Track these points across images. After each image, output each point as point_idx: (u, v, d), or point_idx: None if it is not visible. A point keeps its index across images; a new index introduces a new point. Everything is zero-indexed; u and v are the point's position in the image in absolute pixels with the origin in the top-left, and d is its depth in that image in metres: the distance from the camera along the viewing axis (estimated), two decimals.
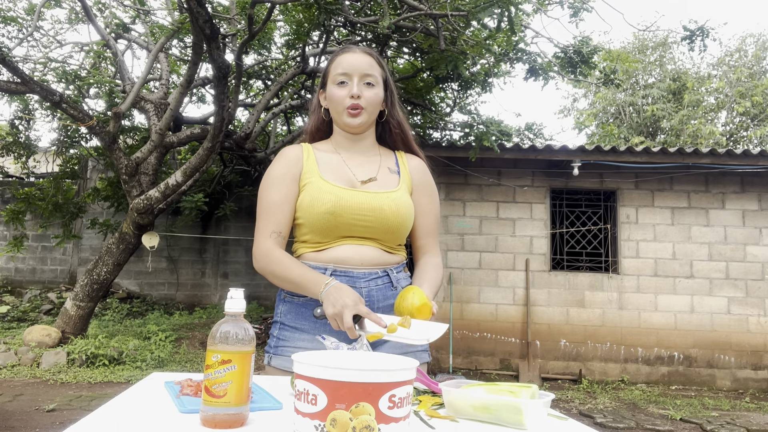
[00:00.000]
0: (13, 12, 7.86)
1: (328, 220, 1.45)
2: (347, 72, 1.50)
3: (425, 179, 1.62)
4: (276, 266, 1.44)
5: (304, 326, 1.47)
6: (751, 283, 6.95)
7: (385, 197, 1.49)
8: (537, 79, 6.50)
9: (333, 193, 1.46)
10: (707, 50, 8.22)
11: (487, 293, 7.09)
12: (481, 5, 4.98)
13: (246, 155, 7.92)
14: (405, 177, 1.58)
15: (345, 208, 1.45)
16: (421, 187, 1.60)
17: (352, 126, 1.52)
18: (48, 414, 4.54)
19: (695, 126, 14.74)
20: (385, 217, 1.47)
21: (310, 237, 1.49)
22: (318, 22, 5.90)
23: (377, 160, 1.59)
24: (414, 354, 1.52)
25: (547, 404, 1.01)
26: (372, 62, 1.53)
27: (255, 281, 10.30)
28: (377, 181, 1.53)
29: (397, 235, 1.52)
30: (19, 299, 9.66)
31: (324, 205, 1.45)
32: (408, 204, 1.53)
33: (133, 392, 1.12)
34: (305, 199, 1.48)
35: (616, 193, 7.17)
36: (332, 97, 1.52)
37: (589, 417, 5.17)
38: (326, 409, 0.79)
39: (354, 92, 1.48)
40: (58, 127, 8.87)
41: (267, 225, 1.48)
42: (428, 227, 1.59)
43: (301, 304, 1.49)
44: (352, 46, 1.58)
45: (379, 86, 1.53)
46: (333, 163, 1.54)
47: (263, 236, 1.48)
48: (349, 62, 1.51)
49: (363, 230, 1.48)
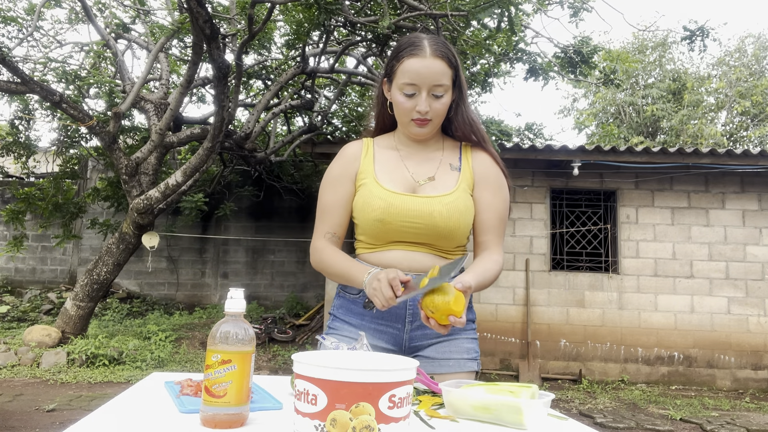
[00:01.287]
0: (13, 12, 7.85)
1: (377, 227, 1.45)
2: (416, 83, 1.41)
3: (490, 175, 1.53)
4: (326, 263, 1.49)
5: (352, 320, 1.52)
6: (751, 283, 6.94)
7: (437, 202, 1.45)
8: (537, 79, 6.50)
9: (383, 198, 1.44)
10: (707, 50, 8.22)
11: (487, 293, 7.09)
12: (481, 5, 4.98)
13: (246, 155, 7.93)
14: (466, 174, 1.52)
15: (394, 215, 1.43)
16: (483, 183, 1.52)
17: (418, 136, 1.50)
18: (48, 414, 4.54)
19: (695, 126, 14.73)
20: (434, 223, 1.44)
21: (365, 238, 1.52)
22: (318, 22, 5.89)
23: (438, 156, 1.54)
24: (458, 362, 1.49)
25: (547, 404, 1.01)
26: (443, 68, 1.41)
27: (255, 281, 10.29)
28: (435, 182, 1.49)
29: (450, 240, 1.48)
30: (19, 299, 9.66)
31: (374, 212, 1.44)
32: (464, 207, 1.47)
33: (133, 392, 1.12)
34: (359, 201, 1.49)
35: (616, 193, 7.17)
36: (397, 105, 1.46)
37: (589, 417, 5.16)
38: (326, 409, 0.79)
39: (422, 109, 1.42)
40: (58, 127, 8.87)
41: (322, 226, 1.53)
42: (489, 223, 1.51)
43: (351, 301, 1.53)
44: (422, 42, 1.43)
45: (448, 93, 1.44)
46: (391, 162, 1.52)
47: (318, 236, 1.53)
48: (417, 72, 1.40)
49: (414, 236, 1.46)
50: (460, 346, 1.50)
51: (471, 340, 1.52)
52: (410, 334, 1.48)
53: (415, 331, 1.48)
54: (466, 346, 1.51)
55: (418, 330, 1.48)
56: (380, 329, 1.49)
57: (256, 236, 10.17)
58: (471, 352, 1.51)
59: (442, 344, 1.49)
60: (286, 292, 10.14)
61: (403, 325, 1.48)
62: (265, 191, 9.76)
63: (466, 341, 1.52)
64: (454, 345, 1.50)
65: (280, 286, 10.26)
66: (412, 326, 1.48)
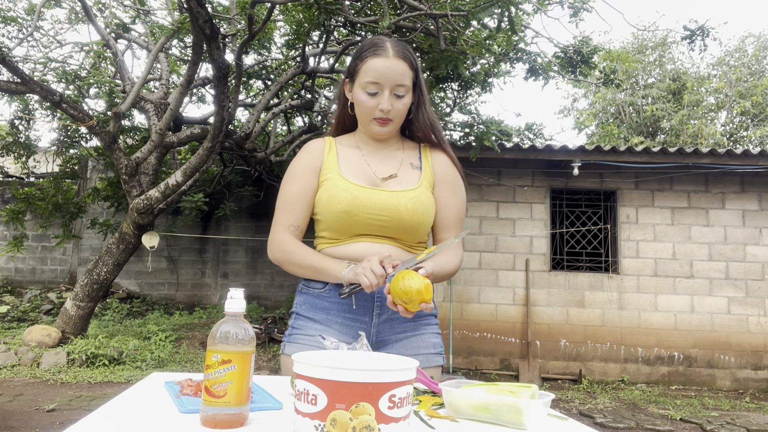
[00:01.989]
0: (13, 12, 7.86)
1: (343, 219, 1.45)
2: (379, 82, 1.44)
3: (449, 174, 1.58)
4: (293, 255, 1.47)
5: (317, 317, 1.49)
6: (751, 283, 6.95)
7: (403, 196, 1.48)
8: (537, 79, 6.50)
9: (349, 191, 1.46)
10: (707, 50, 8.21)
11: (487, 293, 7.09)
12: (481, 5, 4.98)
13: (246, 155, 7.92)
14: (427, 172, 1.56)
15: (360, 207, 1.45)
16: (443, 182, 1.57)
17: (379, 134, 1.52)
18: (48, 414, 4.54)
19: (695, 126, 14.74)
20: (400, 216, 1.47)
21: (328, 233, 1.51)
22: (318, 22, 5.90)
23: (399, 155, 1.57)
24: (426, 357, 1.51)
25: (547, 404, 1.01)
26: (405, 69, 1.46)
27: (255, 281, 10.29)
28: (398, 178, 1.52)
29: (415, 234, 1.51)
30: (19, 299, 9.66)
31: (339, 204, 1.45)
32: (427, 202, 1.51)
33: (133, 392, 1.12)
34: (323, 195, 1.49)
35: (616, 193, 7.17)
36: (360, 103, 1.49)
37: (589, 417, 5.16)
38: (326, 409, 0.79)
39: (384, 107, 1.45)
40: (58, 127, 8.87)
41: (285, 218, 1.51)
42: (450, 221, 1.56)
43: (315, 296, 1.51)
44: (385, 44, 1.47)
45: (408, 94, 1.49)
46: (354, 159, 1.53)
47: (280, 228, 1.51)
48: (381, 71, 1.44)
49: (379, 229, 1.47)
50: (427, 341, 1.53)
51: (435, 335, 1.56)
52: (377, 328, 1.48)
53: (382, 324, 1.48)
54: (432, 341, 1.54)
55: (385, 323, 1.49)
56: (347, 323, 1.48)
57: (256, 236, 10.17)
58: (437, 347, 1.55)
59: (410, 339, 1.51)
60: (286, 292, 10.14)
61: (371, 318, 1.48)
62: (265, 191, 9.76)
63: (432, 336, 1.55)
64: (421, 340, 1.52)
65: (280, 286, 10.26)
66: (379, 319, 1.48)
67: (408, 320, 1.50)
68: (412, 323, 1.51)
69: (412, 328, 1.51)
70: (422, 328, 1.53)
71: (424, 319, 1.54)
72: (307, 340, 1.47)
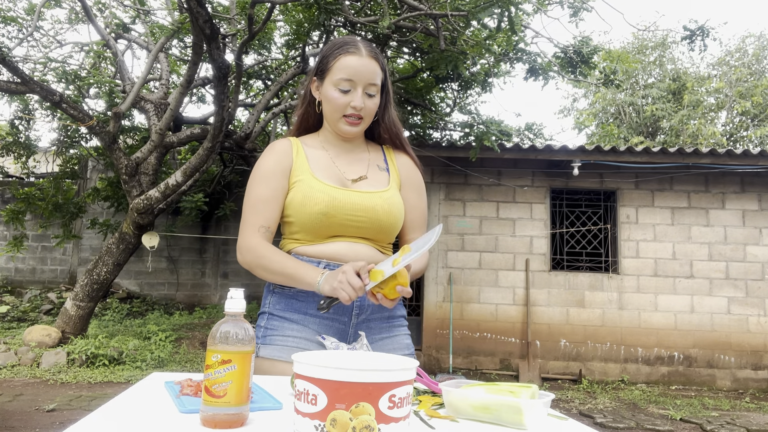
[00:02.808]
0: (13, 12, 7.86)
1: (320, 220, 1.43)
2: (352, 79, 1.44)
3: (413, 175, 1.61)
4: (266, 260, 1.43)
5: (293, 317, 1.47)
6: (751, 283, 6.95)
7: (378, 197, 1.48)
8: (537, 79, 6.51)
9: (326, 192, 1.44)
10: (707, 50, 8.22)
11: (487, 293, 7.09)
12: (481, 5, 4.98)
13: (246, 155, 7.92)
14: (394, 174, 1.57)
15: (338, 209, 1.44)
16: (409, 184, 1.59)
17: (348, 134, 1.51)
18: (48, 414, 4.54)
19: (695, 126, 14.74)
20: (377, 217, 1.47)
21: (301, 236, 1.48)
22: (318, 22, 5.90)
23: (366, 157, 1.57)
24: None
25: (547, 404, 1.01)
26: (376, 69, 1.47)
27: (255, 281, 10.29)
28: (368, 180, 1.52)
29: (389, 235, 1.52)
30: (19, 299, 9.66)
31: (317, 205, 1.43)
32: (399, 203, 1.52)
33: (133, 392, 1.12)
34: (296, 197, 1.45)
35: (616, 193, 7.17)
36: (331, 100, 1.47)
37: (589, 417, 5.16)
38: (326, 409, 0.79)
39: (357, 104, 1.44)
40: (58, 127, 8.87)
41: (255, 220, 1.47)
42: (417, 222, 1.59)
43: (290, 296, 1.48)
44: (356, 43, 1.48)
45: (378, 95, 1.49)
46: (322, 161, 1.52)
47: (251, 231, 1.47)
48: (355, 69, 1.44)
49: (355, 230, 1.46)
50: (401, 342, 1.55)
51: (407, 336, 1.58)
52: (355, 328, 1.48)
53: (360, 324, 1.48)
54: (405, 342, 1.56)
55: (363, 324, 1.48)
56: (325, 323, 1.46)
57: None
58: (410, 347, 1.56)
59: (384, 341, 1.51)
60: None
61: (350, 318, 1.47)
62: None
63: (404, 337, 1.56)
64: (396, 342, 1.53)
65: None
66: (358, 319, 1.47)
67: (383, 322, 1.51)
68: (387, 325, 1.52)
69: (387, 329, 1.53)
70: (395, 329, 1.55)
71: (396, 321, 1.55)
72: (285, 340, 1.44)
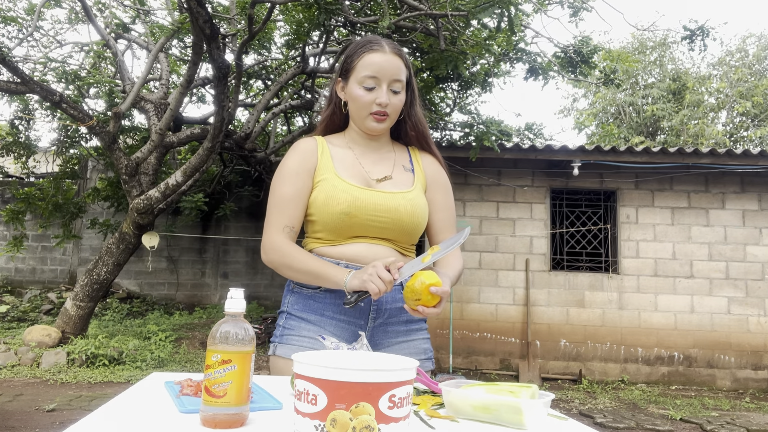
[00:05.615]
0: (13, 12, 7.86)
1: (343, 220, 1.43)
2: (377, 76, 1.44)
3: (440, 176, 1.59)
4: (291, 259, 1.43)
5: (311, 317, 1.46)
6: (751, 283, 6.95)
7: (401, 197, 1.47)
8: (537, 79, 6.51)
9: (349, 192, 1.44)
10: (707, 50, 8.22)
11: (487, 293, 7.09)
12: (481, 5, 4.98)
13: (246, 155, 7.93)
14: (419, 175, 1.56)
15: (360, 209, 1.43)
16: (435, 185, 1.58)
17: (374, 131, 1.50)
18: (48, 414, 4.54)
19: (696, 126, 14.74)
20: (400, 218, 1.46)
21: (324, 235, 1.47)
22: (318, 22, 5.90)
23: (392, 157, 1.56)
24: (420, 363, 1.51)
25: (547, 404, 1.01)
26: (401, 65, 1.47)
27: (255, 281, 10.29)
28: (392, 180, 1.51)
29: (412, 236, 1.51)
30: (19, 299, 9.66)
31: (339, 205, 1.42)
32: (423, 204, 1.51)
33: (133, 392, 1.12)
34: (319, 196, 1.45)
35: (616, 193, 7.17)
36: (356, 98, 1.46)
37: (589, 417, 5.16)
38: (326, 409, 0.79)
39: (383, 101, 1.44)
40: (58, 127, 8.87)
41: (279, 219, 1.46)
42: (446, 222, 1.57)
43: (309, 296, 1.48)
44: (379, 41, 1.49)
45: (403, 91, 1.49)
46: (347, 160, 1.51)
47: (275, 230, 1.46)
48: (380, 65, 1.44)
49: (378, 231, 1.46)
50: (419, 347, 1.53)
51: (426, 341, 1.56)
52: (372, 332, 1.47)
53: (377, 328, 1.47)
54: (423, 347, 1.55)
55: (380, 327, 1.47)
56: (342, 325, 1.45)
57: (256, 236, 10.17)
58: (427, 352, 1.55)
59: (401, 345, 1.50)
60: None
61: (366, 321, 1.46)
62: (265, 191, 9.74)
63: (422, 342, 1.55)
64: (413, 346, 1.52)
65: (280, 286, 10.26)
66: (374, 323, 1.47)
67: (401, 326, 1.50)
68: (404, 329, 1.51)
69: (404, 333, 1.51)
70: (414, 333, 1.53)
71: (416, 325, 1.54)
72: (301, 341, 1.44)
